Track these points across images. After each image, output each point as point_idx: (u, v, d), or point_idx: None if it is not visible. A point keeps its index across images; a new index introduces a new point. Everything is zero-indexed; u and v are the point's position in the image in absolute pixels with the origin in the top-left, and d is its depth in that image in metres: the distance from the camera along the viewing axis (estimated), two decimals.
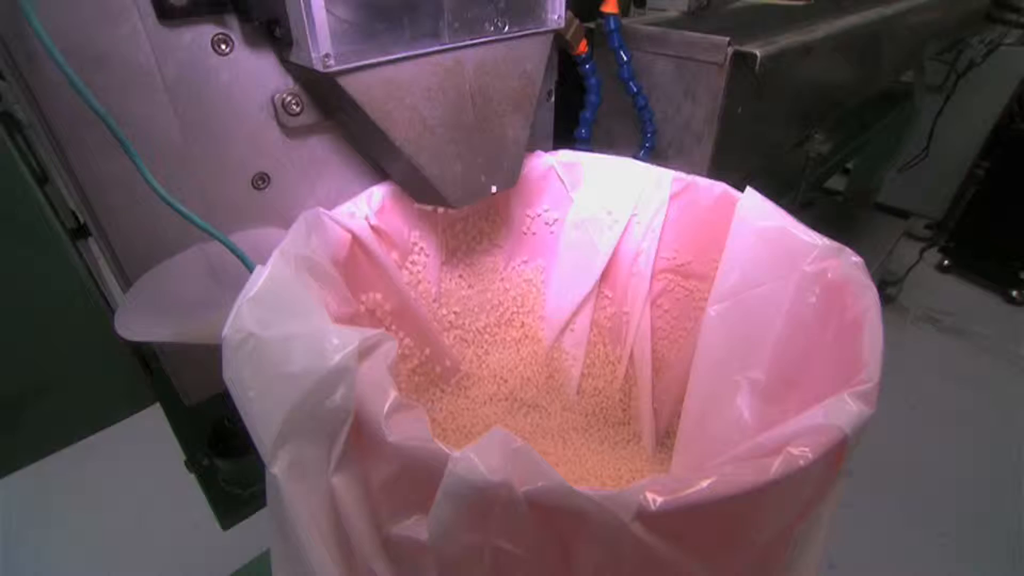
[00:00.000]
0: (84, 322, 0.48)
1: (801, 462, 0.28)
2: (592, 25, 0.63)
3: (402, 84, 0.41)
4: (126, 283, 0.41)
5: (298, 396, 0.30)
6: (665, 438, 0.66)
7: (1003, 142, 2.06)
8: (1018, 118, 2.21)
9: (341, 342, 0.30)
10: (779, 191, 1.07)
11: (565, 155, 0.57)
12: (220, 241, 0.37)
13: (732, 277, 0.50)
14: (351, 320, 0.42)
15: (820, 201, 1.66)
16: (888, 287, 2.13)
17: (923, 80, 1.67)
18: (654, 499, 0.25)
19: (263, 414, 0.30)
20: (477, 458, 0.27)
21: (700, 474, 0.26)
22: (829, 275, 0.43)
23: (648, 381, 0.64)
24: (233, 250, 0.37)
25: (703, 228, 0.54)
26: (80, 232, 0.48)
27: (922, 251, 2.23)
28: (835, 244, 0.45)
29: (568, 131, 0.66)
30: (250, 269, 0.34)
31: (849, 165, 2.16)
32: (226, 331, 0.30)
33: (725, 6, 0.88)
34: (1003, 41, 1.91)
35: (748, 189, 0.50)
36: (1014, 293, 2.13)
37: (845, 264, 0.43)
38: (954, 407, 1.72)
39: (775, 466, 0.27)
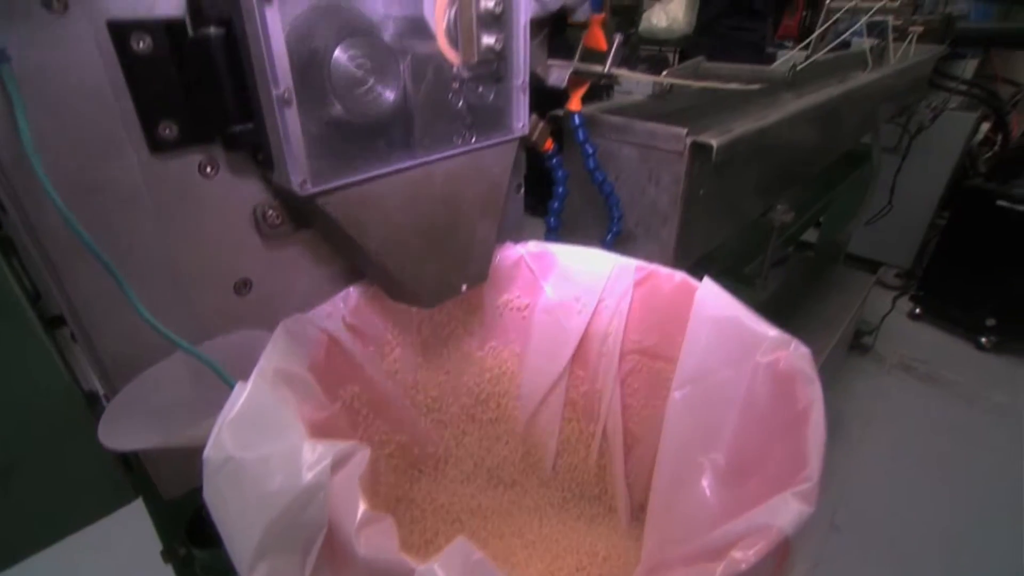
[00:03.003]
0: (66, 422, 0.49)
1: (743, 566, 0.30)
2: (560, 112, 0.67)
3: (375, 198, 0.44)
4: (111, 389, 0.43)
5: (274, 513, 0.31)
6: (639, 511, 0.67)
7: (958, 196, 2.17)
8: (971, 172, 2.34)
9: (314, 458, 0.32)
10: (749, 255, 1.12)
11: (534, 246, 0.60)
12: (202, 361, 0.39)
13: (692, 363, 0.52)
14: (328, 423, 0.44)
15: (792, 257, 1.73)
16: (864, 336, 2.19)
17: (879, 143, 1.77)
18: None
19: (241, 532, 0.32)
20: (440, 570, 0.29)
21: None
22: (779, 366, 0.46)
23: (621, 457, 0.66)
24: (214, 368, 0.39)
25: (666, 313, 0.57)
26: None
27: (894, 299, 2.30)
28: (784, 336, 0.48)
29: (544, 200, 0.69)
30: (230, 385, 0.36)
31: (821, 218, 2.26)
32: (207, 453, 0.32)
33: (688, 88, 0.95)
34: (947, 106, 2.05)
35: (705, 279, 0.54)
36: (983, 340, 2.19)
37: (794, 355, 0.46)
38: (934, 454, 1.74)
39: (718, 572, 0.30)
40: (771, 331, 0.48)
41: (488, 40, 0.43)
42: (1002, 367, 2.14)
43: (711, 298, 0.52)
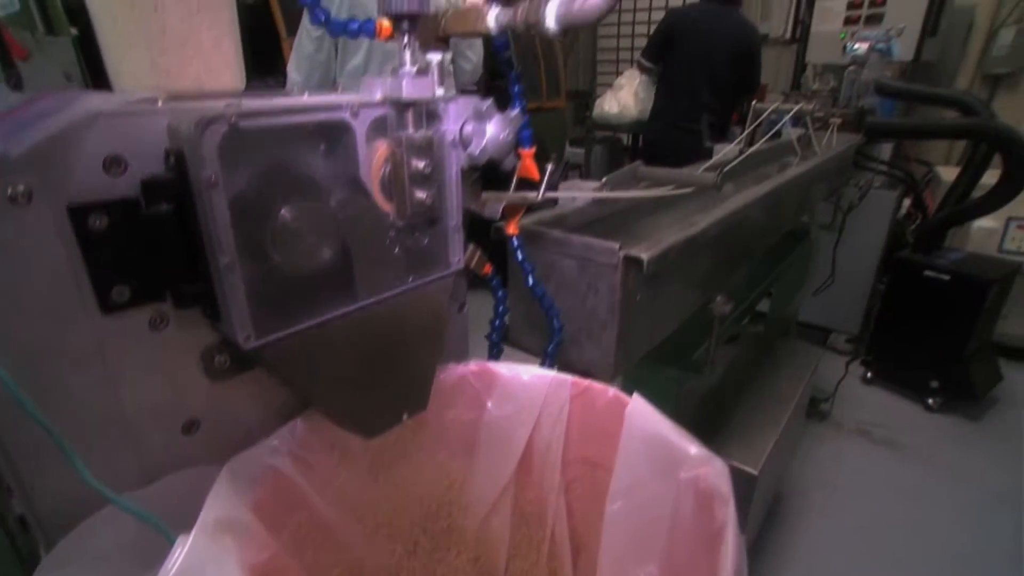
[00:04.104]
0: None
1: None
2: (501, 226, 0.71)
3: (317, 343, 0.47)
4: (47, 543, 0.43)
5: None
6: None
7: (891, 267, 2.32)
8: (902, 242, 2.52)
9: None
10: (696, 343, 1.17)
11: (476, 365, 0.64)
12: (140, 518, 0.40)
13: (625, 477, 0.56)
14: (271, 563, 0.45)
15: (744, 332, 1.80)
16: (822, 403, 2.26)
17: (815, 221, 1.90)
18: None
19: None
20: None
21: None
22: (699, 484, 0.49)
23: (570, 561, 0.67)
24: (153, 523, 0.40)
25: (601, 426, 0.61)
26: None
27: (847, 364, 2.38)
28: (705, 452, 0.51)
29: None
30: (170, 541, 0.38)
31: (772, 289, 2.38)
32: None
33: (631, 187, 1.03)
34: (872, 185, 2.23)
35: (635, 395, 0.58)
36: (929, 401, 2.28)
37: (713, 473, 0.50)
38: (896, 519, 1.77)
39: None
40: (693, 448, 0.51)
41: (420, 195, 0.48)
42: (949, 427, 2.22)
43: (639, 414, 0.56)
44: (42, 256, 0.39)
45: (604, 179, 0.95)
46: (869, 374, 2.48)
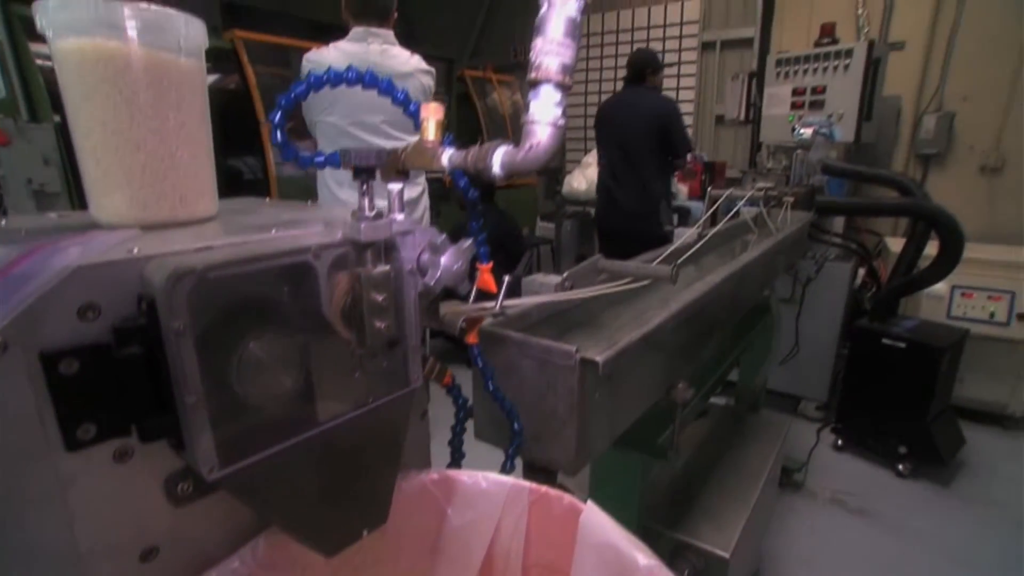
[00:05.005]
0: None
1: None
2: (464, 326, 0.75)
3: (278, 468, 0.49)
4: None
5: None
6: None
7: (851, 335, 2.41)
8: (861, 309, 2.63)
9: None
10: (660, 427, 1.20)
11: (436, 474, 0.66)
12: None
13: None
14: None
15: (711, 409, 1.84)
16: (795, 473, 2.27)
17: (775, 296, 1.99)
18: None
19: None
20: None
21: None
22: None
23: None
24: None
25: (558, 533, 0.62)
26: None
27: (818, 431, 2.42)
28: (654, 562, 0.53)
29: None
30: None
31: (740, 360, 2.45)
32: None
33: (592, 280, 1.08)
34: (827, 257, 2.36)
35: (589, 502, 0.60)
36: (900, 467, 2.32)
37: None
38: None
39: None
40: (643, 559, 0.53)
41: (379, 325, 0.52)
42: (921, 493, 2.25)
43: (593, 522, 0.58)
44: (10, 400, 0.41)
45: (565, 274, 1.01)
46: (840, 441, 2.51)
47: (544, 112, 0.49)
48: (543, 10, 0.48)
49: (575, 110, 4.93)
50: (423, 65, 2.14)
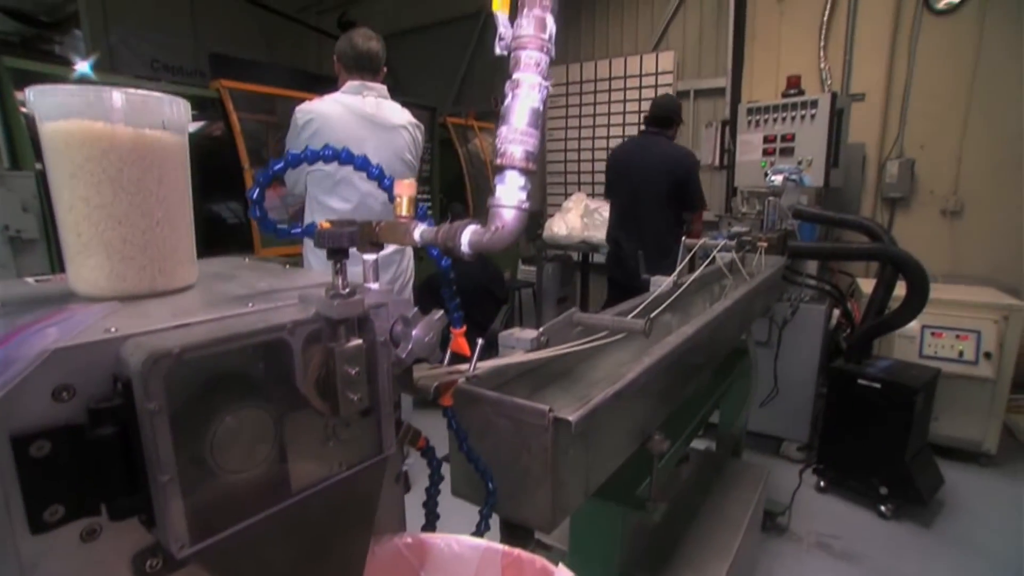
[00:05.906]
0: None
1: None
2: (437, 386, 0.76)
3: (250, 541, 0.50)
4: None
5: None
6: None
7: (828, 376, 2.46)
8: (838, 349, 2.68)
9: None
10: (638, 479, 1.20)
11: (410, 537, 0.66)
12: None
13: None
14: None
15: (693, 454, 1.84)
16: (778, 517, 2.27)
17: (752, 339, 2.03)
18: None
19: None
20: None
21: None
22: None
23: None
24: None
25: None
26: None
27: (801, 472, 2.43)
28: None
29: None
30: None
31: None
32: None
33: (567, 334, 1.10)
34: (802, 300, 2.42)
35: (560, 565, 0.61)
36: (882, 508, 2.32)
37: None
38: None
39: None
40: None
41: (352, 397, 0.53)
42: (904, 535, 2.25)
43: None
44: None
45: (541, 329, 1.03)
46: (822, 483, 2.52)
47: (509, 196, 0.52)
48: (507, 100, 0.52)
49: (555, 155, 5.06)
50: (414, 120, 2.23)
